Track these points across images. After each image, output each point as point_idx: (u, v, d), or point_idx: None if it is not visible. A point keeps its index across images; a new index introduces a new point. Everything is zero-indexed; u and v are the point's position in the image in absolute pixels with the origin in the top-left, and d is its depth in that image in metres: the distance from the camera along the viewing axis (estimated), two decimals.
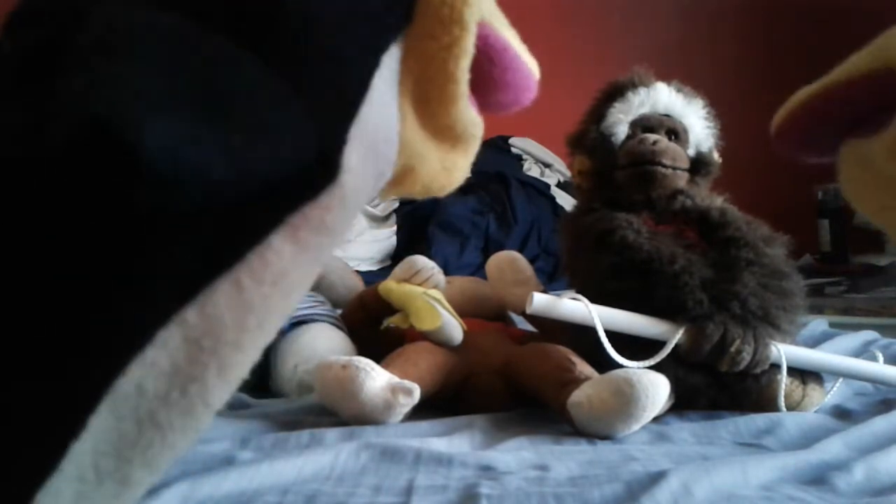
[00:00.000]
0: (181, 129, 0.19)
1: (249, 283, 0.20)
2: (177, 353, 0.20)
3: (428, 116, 0.26)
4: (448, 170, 0.28)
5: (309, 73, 0.21)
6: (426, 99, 0.25)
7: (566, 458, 0.55)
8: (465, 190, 1.85)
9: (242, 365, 0.21)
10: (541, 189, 1.92)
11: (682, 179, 0.83)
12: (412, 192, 0.28)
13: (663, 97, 0.86)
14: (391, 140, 0.24)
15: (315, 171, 0.21)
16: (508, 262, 0.89)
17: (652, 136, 0.82)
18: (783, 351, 0.71)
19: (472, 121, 0.27)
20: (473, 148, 0.28)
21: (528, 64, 0.28)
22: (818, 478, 0.51)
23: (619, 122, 0.85)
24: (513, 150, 2.12)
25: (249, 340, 0.21)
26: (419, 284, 0.86)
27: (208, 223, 0.20)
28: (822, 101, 0.28)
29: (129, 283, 0.19)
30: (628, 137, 0.84)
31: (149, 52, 0.20)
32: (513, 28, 0.28)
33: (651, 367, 0.67)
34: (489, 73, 0.27)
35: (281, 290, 0.21)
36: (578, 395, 0.62)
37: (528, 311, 0.71)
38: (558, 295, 0.72)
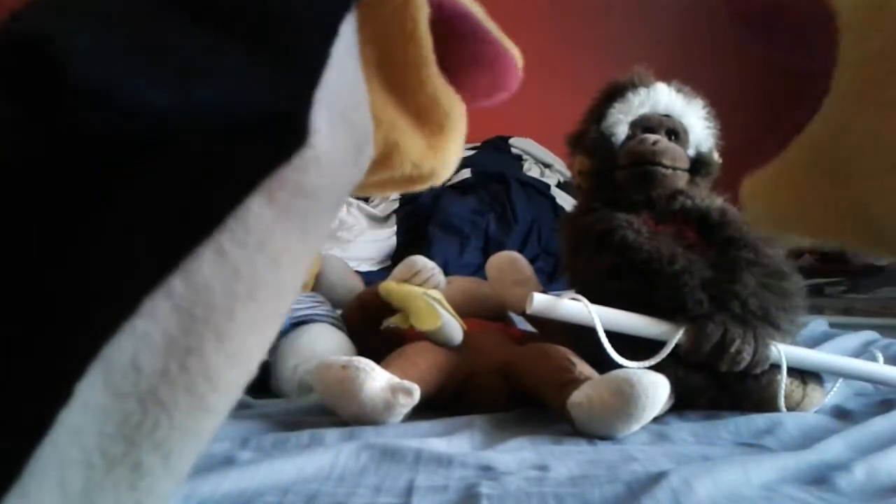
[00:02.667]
0: (113, 53, 0.19)
1: (232, 248, 0.21)
2: (168, 324, 0.20)
3: (401, 89, 0.26)
4: (436, 150, 0.28)
5: (263, 38, 0.22)
6: (392, 65, 0.25)
7: (566, 458, 0.55)
8: (465, 190, 1.85)
9: (242, 339, 0.21)
10: (541, 189, 1.92)
11: (682, 179, 0.83)
12: (403, 173, 0.28)
13: (663, 97, 0.86)
14: (361, 108, 0.25)
15: (281, 128, 0.22)
16: (508, 262, 0.89)
17: (652, 137, 0.82)
18: (783, 351, 0.71)
19: (449, 96, 0.27)
20: (460, 129, 0.28)
21: (504, 43, 0.28)
22: (819, 478, 0.51)
23: (619, 122, 0.85)
24: (513, 150, 2.12)
25: (242, 309, 0.21)
26: (419, 284, 0.86)
27: (174, 167, 0.20)
28: None
29: (96, 232, 0.19)
30: (628, 137, 0.84)
31: (94, 8, 0.20)
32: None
33: (651, 367, 0.67)
34: (470, 47, 0.27)
35: (268, 257, 0.21)
36: (578, 395, 0.62)
37: (528, 311, 0.71)
38: (558, 295, 0.72)
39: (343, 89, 0.24)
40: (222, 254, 0.20)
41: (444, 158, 0.29)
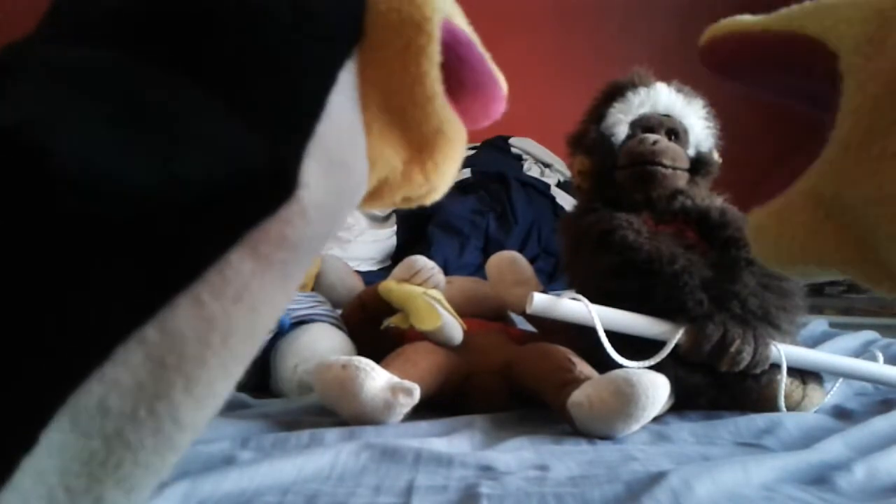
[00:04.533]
0: (93, 136, 0.19)
1: (209, 300, 0.21)
2: (139, 370, 0.20)
3: (403, 126, 0.26)
4: (430, 179, 0.28)
5: (251, 91, 0.22)
6: (400, 107, 0.25)
7: (566, 458, 0.55)
8: (465, 190, 1.85)
9: (211, 384, 0.21)
10: (541, 189, 1.92)
11: (682, 179, 0.83)
12: (393, 203, 0.28)
13: (663, 97, 0.86)
14: (358, 153, 0.24)
15: (267, 185, 0.21)
16: (508, 262, 0.89)
17: (652, 136, 0.82)
18: (783, 351, 0.71)
19: (454, 125, 0.27)
20: (455, 151, 0.28)
21: (496, 72, 0.28)
22: (819, 478, 0.51)
23: (619, 122, 0.85)
24: (513, 150, 2.12)
25: (214, 357, 0.21)
26: (419, 284, 0.86)
27: (155, 237, 0.20)
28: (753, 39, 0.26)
29: (77, 297, 0.19)
30: (628, 137, 0.84)
31: (67, 79, 0.20)
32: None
33: (651, 367, 0.67)
34: (458, 73, 0.27)
35: (245, 307, 0.21)
36: (578, 395, 0.62)
37: (528, 311, 0.71)
38: (558, 295, 0.72)
39: (341, 137, 0.23)
40: (199, 304, 0.20)
41: (437, 183, 0.29)
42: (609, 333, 0.69)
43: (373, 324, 0.89)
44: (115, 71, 0.21)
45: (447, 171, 0.29)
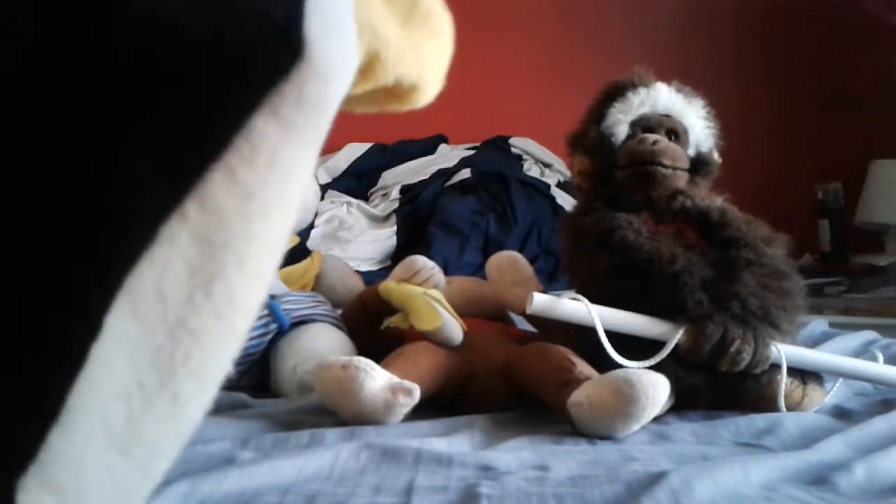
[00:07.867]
0: None
1: (241, 169, 0.20)
2: (188, 250, 0.19)
3: None
4: (423, 61, 0.28)
5: None
6: None
7: (566, 458, 0.55)
8: (465, 190, 1.85)
9: (260, 259, 0.21)
10: (541, 189, 1.91)
11: (682, 179, 0.83)
12: (386, 83, 0.28)
13: (663, 97, 0.86)
14: (347, 16, 0.24)
15: (280, 45, 0.21)
16: (508, 262, 0.89)
17: (652, 136, 0.82)
18: (783, 351, 0.71)
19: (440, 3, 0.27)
20: (447, 37, 0.28)
21: None
22: (818, 478, 0.51)
23: (619, 122, 0.85)
24: (513, 150, 2.11)
25: (258, 230, 0.21)
26: (419, 284, 0.86)
27: (185, 101, 0.19)
28: None
29: (107, 161, 0.18)
30: (628, 137, 0.84)
31: None
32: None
33: (651, 367, 0.67)
34: None
35: (277, 174, 0.21)
36: (578, 395, 0.62)
37: (528, 311, 0.71)
38: (558, 295, 0.72)
39: None
40: (233, 175, 0.20)
41: (431, 70, 0.29)
42: (609, 333, 0.69)
43: (373, 324, 0.89)
44: None
45: (440, 57, 0.29)
